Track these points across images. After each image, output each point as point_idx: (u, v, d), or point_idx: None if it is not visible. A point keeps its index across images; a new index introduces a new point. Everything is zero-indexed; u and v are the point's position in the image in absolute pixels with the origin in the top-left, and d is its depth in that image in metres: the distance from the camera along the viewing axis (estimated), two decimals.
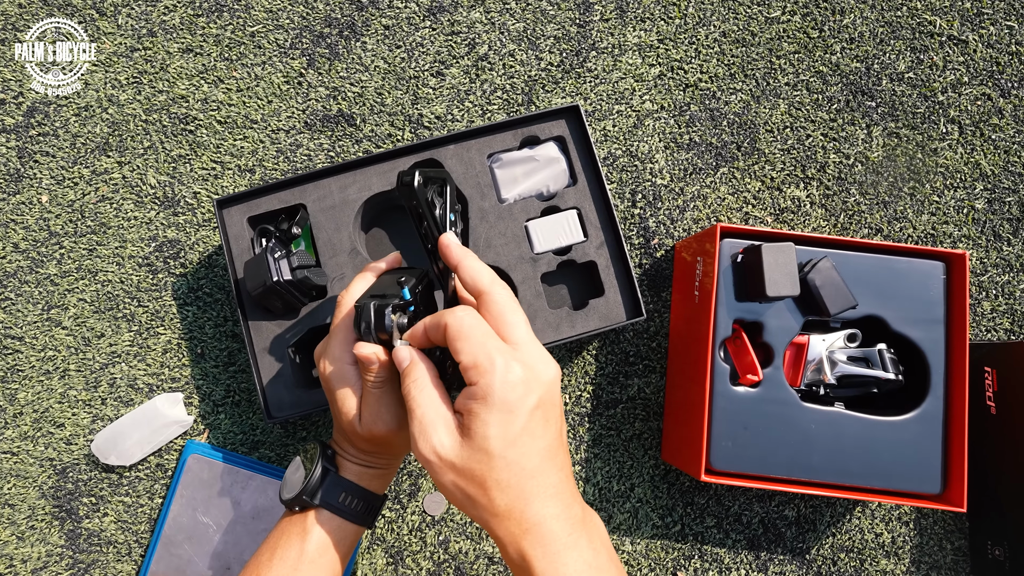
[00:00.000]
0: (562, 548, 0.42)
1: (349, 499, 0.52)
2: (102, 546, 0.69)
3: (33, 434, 0.70)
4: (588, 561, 0.43)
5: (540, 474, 0.43)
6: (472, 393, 0.42)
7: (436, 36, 0.74)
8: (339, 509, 0.52)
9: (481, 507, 0.43)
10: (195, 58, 0.73)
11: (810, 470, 0.62)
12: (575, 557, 0.42)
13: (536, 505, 0.42)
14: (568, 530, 0.43)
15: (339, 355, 0.49)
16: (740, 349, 0.64)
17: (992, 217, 0.75)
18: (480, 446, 0.41)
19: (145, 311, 0.71)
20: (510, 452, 0.42)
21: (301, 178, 0.64)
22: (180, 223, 0.72)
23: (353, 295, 0.50)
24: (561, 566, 0.42)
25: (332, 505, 0.52)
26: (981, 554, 0.69)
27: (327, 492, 0.52)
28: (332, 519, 0.52)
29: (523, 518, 0.42)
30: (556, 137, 0.66)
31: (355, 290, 0.51)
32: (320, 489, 0.52)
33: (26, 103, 0.72)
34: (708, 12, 0.75)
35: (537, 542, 0.42)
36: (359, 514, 0.53)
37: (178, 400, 0.70)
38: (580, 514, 0.44)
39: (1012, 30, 0.76)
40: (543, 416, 0.43)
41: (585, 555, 0.43)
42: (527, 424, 0.42)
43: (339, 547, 0.52)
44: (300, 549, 0.51)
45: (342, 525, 0.52)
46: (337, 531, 0.52)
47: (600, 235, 0.66)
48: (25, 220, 0.72)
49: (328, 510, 0.52)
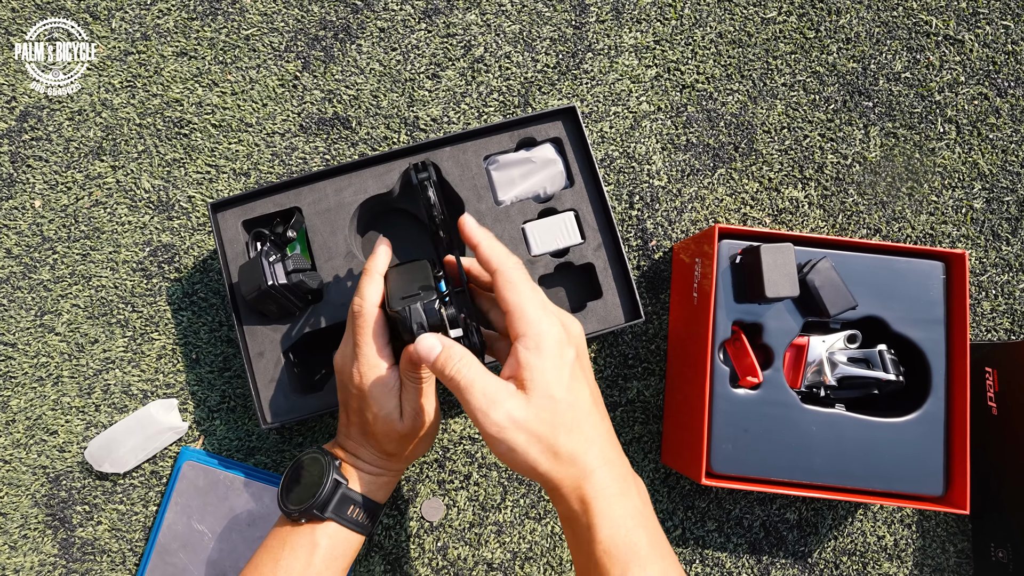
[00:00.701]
0: (618, 493, 0.45)
1: (357, 511, 0.53)
2: (96, 555, 0.68)
3: (26, 442, 0.69)
4: (638, 508, 0.46)
5: (592, 417, 0.46)
6: (525, 344, 0.44)
7: (431, 38, 0.74)
8: (346, 521, 0.52)
9: (547, 457, 0.44)
10: (189, 61, 0.73)
11: (811, 472, 0.62)
12: (628, 504, 0.45)
13: (596, 449, 0.45)
14: (621, 478, 0.46)
15: (374, 362, 0.50)
16: (740, 351, 0.64)
17: (991, 216, 0.74)
18: (544, 393, 0.44)
19: (139, 316, 0.70)
20: (569, 394, 0.45)
21: (296, 181, 0.63)
22: (174, 227, 0.71)
23: (372, 302, 0.51)
24: (619, 508, 0.45)
25: (340, 517, 0.52)
26: (984, 556, 0.69)
27: (338, 506, 0.52)
28: (339, 531, 0.52)
29: (585, 461, 0.45)
30: (553, 139, 0.66)
31: (371, 296, 0.51)
32: (331, 502, 0.52)
33: (19, 107, 0.72)
34: (704, 13, 0.75)
35: (598, 486, 0.45)
36: (363, 525, 0.54)
37: (173, 406, 0.69)
38: (627, 466, 0.48)
39: (1008, 30, 0.76)
40: (581, 364, 0.47)
41: (635, 502, 0.46)
42: (574, 369, 0.45)
43: (344, 558, 0.53)
44: (307, 561, 0.51)
45: (347, 536, 0.53)
46: (343, 543, 0.52)
47: (598, 237, 0.65)
48: (18, 225, 0.71)
49: (335, 522, 0.52)
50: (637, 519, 0.45)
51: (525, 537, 0.69)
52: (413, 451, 0.55)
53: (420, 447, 0.56)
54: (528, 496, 0.70)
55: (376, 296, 0.51)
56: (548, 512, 0.70)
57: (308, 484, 0.53)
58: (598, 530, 0.44)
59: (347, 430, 0.55)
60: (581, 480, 0.45)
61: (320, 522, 0.52)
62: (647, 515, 0.47)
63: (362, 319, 0.50)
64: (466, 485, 0.70)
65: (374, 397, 0.51)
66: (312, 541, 0.51)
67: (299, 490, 0.53)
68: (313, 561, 0.51)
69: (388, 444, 0.53)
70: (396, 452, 0.54)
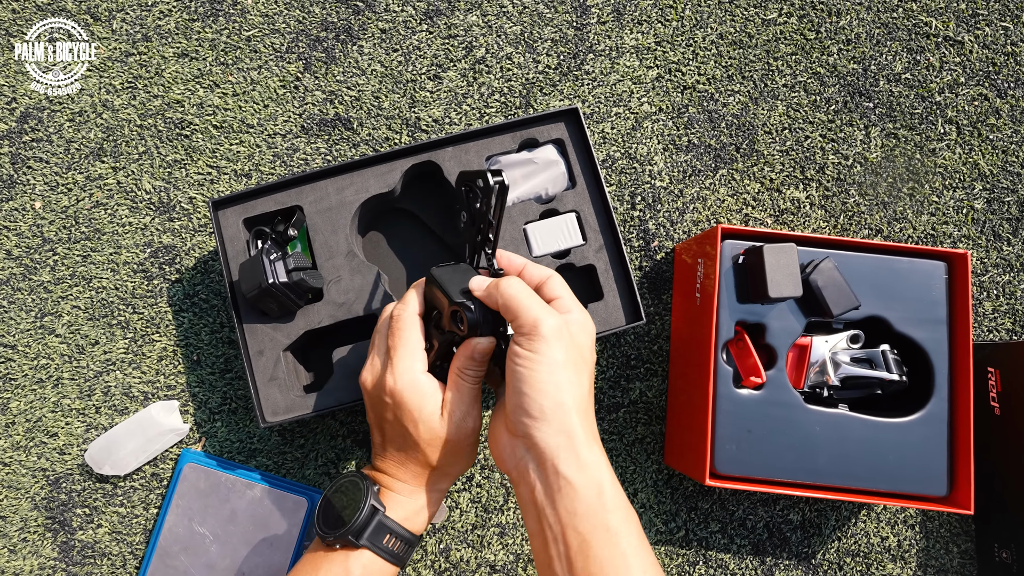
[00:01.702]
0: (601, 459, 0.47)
1: (392, 540, 0.51)
2: (96, 558, 0.68)
3: (26, 444, 0.69)
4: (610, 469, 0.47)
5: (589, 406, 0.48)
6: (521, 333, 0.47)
7: (433, 39, 0.74)
8: (381, 550, 0.51)
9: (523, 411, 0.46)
10: (190, 63, 0.73)
11: (815, 473, 0.62)
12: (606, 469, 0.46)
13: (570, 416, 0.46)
14: (592, 442, 0.47)
15: (409, 366, 0.50)
16: (743, 351, 0.63)
17: (991, 217, 0.74)
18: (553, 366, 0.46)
19: (140, 318, 0.70)
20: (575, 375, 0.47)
21: (297, 179, 0.63)
22: (175, 228, 0.71)
23: (413, 309, 0.52)
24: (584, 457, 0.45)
25: (375, 546, 0.51)
26: (988, 557, 0.69)
27: (374, 534, 0.51)
28: (373, 560, 0.51)
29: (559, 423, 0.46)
30: (555, 140, 0.66)
31: (412, 303, 0.52)
32: (367, 529, 0.51)
33: (19, 108, 0.72)
34: (705, 14, 0.75)
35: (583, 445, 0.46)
36: (398, 556, 0.52)
37: (174, 408, 0.69)
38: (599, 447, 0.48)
39: (1007, 31, 0.76)
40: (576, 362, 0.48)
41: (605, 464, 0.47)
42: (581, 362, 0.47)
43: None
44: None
45: (382, 567, 0.51)
46: (376, 573, 0.51)
47: (599, 238, 0.65)
48: (18, 227, 0.71)
49: (370, 551, 0.51)
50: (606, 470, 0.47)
51: (527, 539, 0.69)
52: (456, 460, 0.53)
53: (463, 457, 0.53)
54: None
55: (417, 305, 0.52)
56: None
57: (345, 508, 0.52)
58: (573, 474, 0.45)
59: (383, 451, 0.54)
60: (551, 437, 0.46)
61: (355, 549, 0.51)
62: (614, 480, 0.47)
63: (403, 322, 0.51)
64: (468, 487, 0.70)
65: (413, 401, 0.50)
66: (345, 569, 0.50)
67: (335, 514, 0.52)
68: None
69: (431, 452, 0.51)
70: (440, 463, 0.52)
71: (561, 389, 0.46)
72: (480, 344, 0.50)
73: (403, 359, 0.50)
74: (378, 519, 0.51)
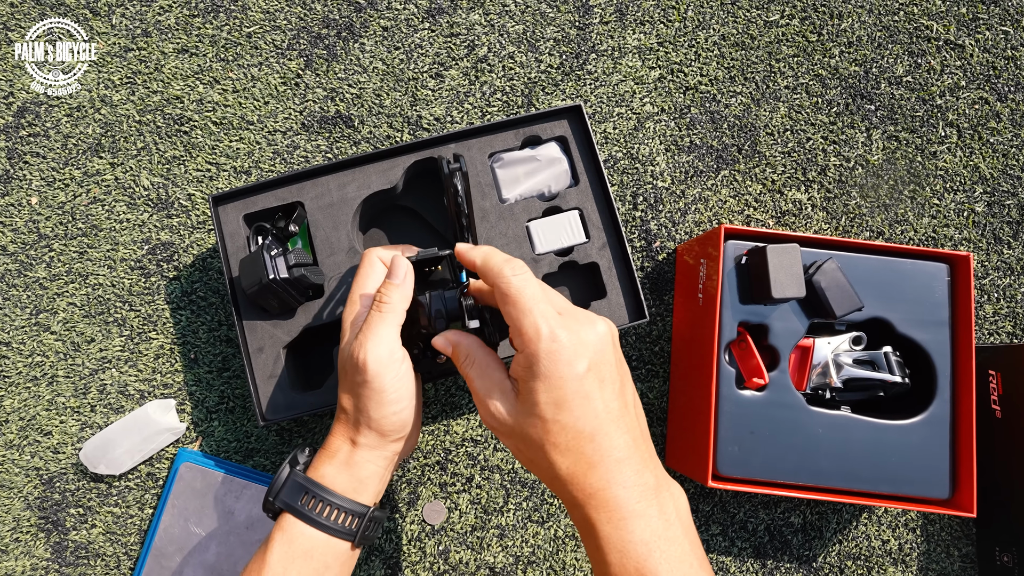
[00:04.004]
0: (628, 515, 0.41)
1: (316, 504, 0.48)
2: (90, 559, 0.67)
3: (19, 443, 0.68)
4: (657, 531, 0.41)
5: (600, 436, 0.42)
6: (520, 361, 0.43)
7: (435, 38, 0.74)
8: (304, 515, 0.48)
9: (544, 470, 0.43)
10: (190, 59, 0.72)
11: (818, 475, 0.61)
12: (642, 526, 0.41)
13: (600, 470, 0.42)
14: (637, 497, 0.42)
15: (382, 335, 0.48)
16: (745, 352, 0.63)
17: (992, 220, 0.75)
18: (531, 411, 0.42)
19: (137, 315, 0.69)
20: (562, 416, 0.42)
21: (299, 175, 0.63)
22: (174, 225, 0.70)
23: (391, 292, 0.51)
24: (627, 533, 0.41)
25: (294, 509, 0.48)
26: (989, 561, 0.68)
27: (291, 493, 0.48)
28: (294, 525, 0.48)
29: (586, 483, 0.42)
30: (558, 137, 0.66)
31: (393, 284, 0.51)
32: (282, 489, 0.49)
33: (16, 103, 0.71)
34: (707, 16, 0.75)
35: (602, 507, 0.41)
36: (340, 528, 0.48)
37: (170, 407, 0.68)
38: (653, 482, 0.43)
39: (1008, 35, 0.77)
40: (596, 378, 0.43)
41: (654, 524, 0.41)
42: (579, 388, 0.42)
43: (308, 559, 0.47)
44: (261, 562, 0.47)
45: (311, 535, 0.48)
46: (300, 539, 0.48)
47: (602, 236, 0.65)
48: (14, 222, 0.70)
49: (293, 515, 0.48)
50: (654, 543, 0.41)
51: (528, 541, 0.68)
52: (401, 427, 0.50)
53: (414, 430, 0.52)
54: (531, 499, 0.69)
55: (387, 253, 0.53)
56: (551, 515, 0.69)
57: None
58: (607, 554, 0.41)
59: (344, 416, 0.51)
60: (584, 503, 0.42)
61: (283, 516, 0.48)
62: (669, 537, 0.42)
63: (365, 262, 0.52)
64: (468, 488, 0.69)
65: (375, 370, 0.47)
66: (270, 536, 0.48)
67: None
68: (267, 559, 0.47)
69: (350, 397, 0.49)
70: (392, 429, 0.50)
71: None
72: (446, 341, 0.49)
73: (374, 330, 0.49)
74: (291, 477, 0.49)
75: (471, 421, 0.69)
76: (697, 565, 0.42)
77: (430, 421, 0.69)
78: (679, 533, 0.42)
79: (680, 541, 0.42)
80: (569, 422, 0.42)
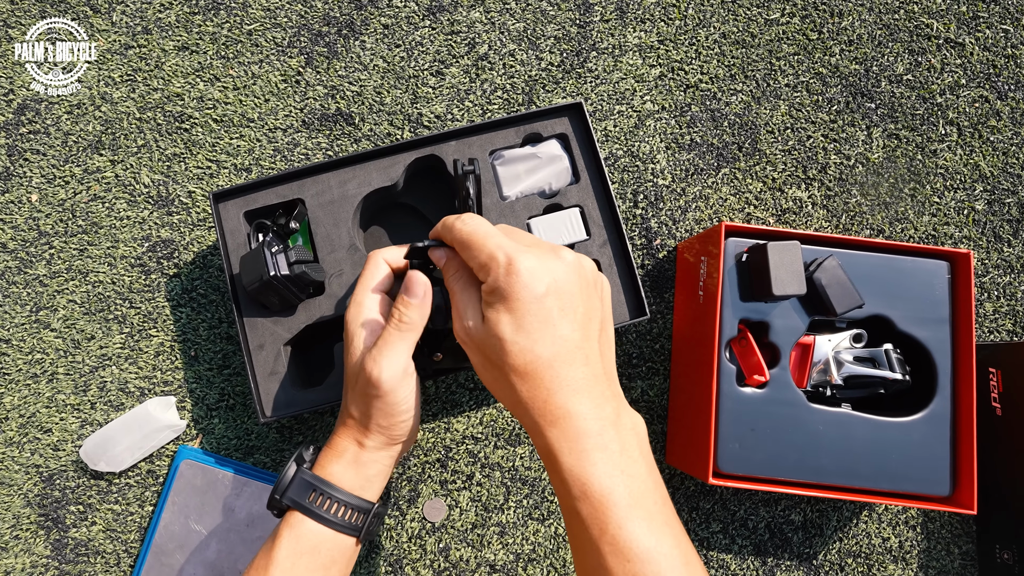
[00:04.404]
0: (590, 448, 0.41)
1: (323, 501, 0.49)
2: (89, 556, 0.67)
3: (19, 440, 0.68)
4: (618, 465, 0.41)
5: (559, 364, 0.42)
6: (484, 289, 0.44)
7: (436, 35, 0.74)
8: (307, 510, 0.48)
9: (506, 394, 0.44)
10: (191, 56, 0.72)
11: (818, 472, 0.61)
12: (603, 459, 0.41)
13: (559, 397, 0.42)
14: (597, 430, 0.42)
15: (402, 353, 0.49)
16: (746, 350, 0.63)
17: (992, 218, 0.75)
18: (492, 331, 0.43)
19: (137, 313, 0.69)
20: (520, 338, 0.42)
21: (299, 172, 0.63)
22: (174, 223, 0.70)
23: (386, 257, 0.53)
24: (589, 465, 0.41)
25: (302, 506, 0.49)
26: (989, 558, 0.68)
27: (298, 491, 0.49)
28: (302, 523, 0.49)
29: (545, 409, 0.42)
30: (559, 135, 0.66)
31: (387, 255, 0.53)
32: (288, 487, 0.49)
33: (16, 100, 0.71)
34: (708, 14, 0.75)
35: (562, 436, 0.42)
36: (346, 524, 0.49)
37: (170, 404, 0.68)
38: (612, 415, 0.43)
39: (1008, 34, 0.77)
40: (557, 304, 0.43)
41: (615, 458, 0.42)
42: (538, 309, 0.42)
43: (315, 554, 0.48)
44: (267, 557, 0.48)
45: (312, 529, 0.48)
46: (307, 536, 0.48)
47: (603, 233, 0.65)
48: (14, 219, 0.70)
49: (300, 512, 0.49)
50: (617, 477, 0.41)
51: (528, 538, 0.68)
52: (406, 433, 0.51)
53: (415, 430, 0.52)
54: (531, 497, 0.69)
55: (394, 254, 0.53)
56: (552, 513, 0.69)
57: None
58: (570, 487, 0.41)
59: (351, 421, 0.51)
60: (544, 429, 0.42)
61: (290, 513, 0.49)
62: (632, 472, 0.42)
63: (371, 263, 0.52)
64: (468, 485, 0.69)
65: (390, 387, 0.48)
66: (276, 533, 0.49)
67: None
68: (275, 555, 0.47)
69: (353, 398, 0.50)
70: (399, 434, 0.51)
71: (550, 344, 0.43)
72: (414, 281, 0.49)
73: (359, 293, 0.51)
74: (299, 475, 0.49)
75: (472, 419, 0.69)
76: (660, 501, 0.43)
77: (430, 419, 0.69)
78: (643, 469, 0.43)
79: (642, 476, 0.42)
80: (527, 345, 0.42)
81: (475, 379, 0.70)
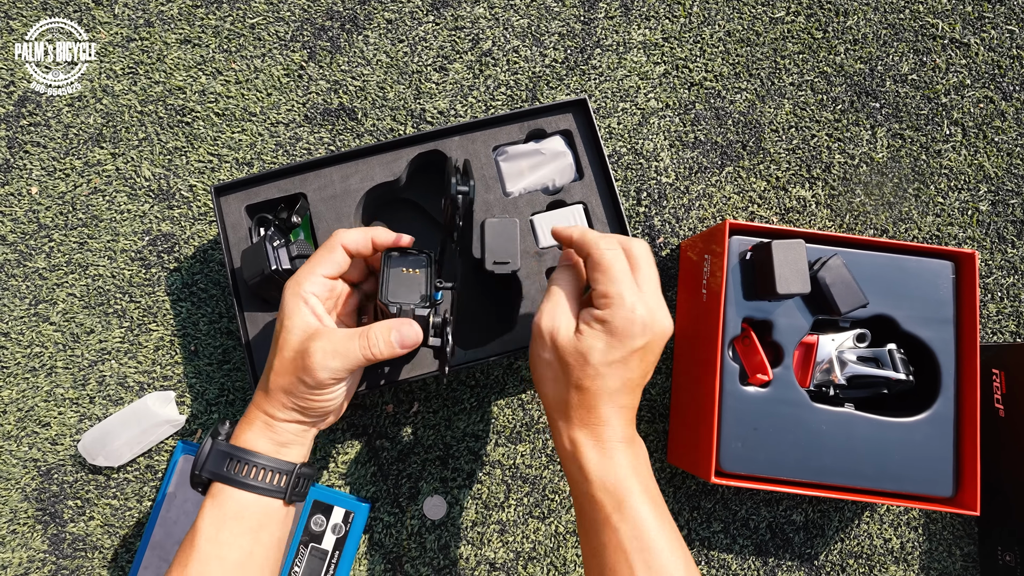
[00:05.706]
0: (611, 449, 0.49)
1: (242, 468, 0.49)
2: (87, 551, 0.66)
3: (17, 434, 0.67)
4: (633, 467, 0.48)
5: (618, 394, 0.49)
6: (596, 315, 0.49)
7: (439, 31, 0.73)
8: (231, 480, 0.49)
9: (554, 392, 0.50)
10: (193, 49, 0.72)
11: (821, 472, 0.61)
12: (621, 457, 0.48)
13: (599, 413, 0.49)
14: (619, 438, 0.49)
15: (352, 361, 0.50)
16: (749, 348, 0.63)
17: (996, 219, 0.74)
18: (583, 351, 0.48)
19: (137, 307, 0.69)
20: (603, 367, 0.48)
21: (302, 167, 0.62)
22: (175, 216, 0.70)
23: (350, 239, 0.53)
24: (608, 459, 0.48)
25: (221, 475, 0.49)
26: (991, 560, 0.68)
27: (213, 461, 0.49)
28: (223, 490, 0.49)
29: (588, 417, 0.49)
30: (563, 131, 0.65)
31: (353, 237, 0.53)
32: (207, 460, 0.49)
33: (17, 92, 0.71)
34: (713, 11, 0.75)
35: (591, 435, 0.49)
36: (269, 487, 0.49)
37: (170, 399, 0.67)
38: (632, 435, 0.50)
39: (1013, 34, 0.76)
40: (641, 357, 0.49)
41: (631, 461, 0.49)
42: (626, 356, 0.48)
43: (240, 519, 0.49)
44: (192, 530, 0.48)
45: (240, 497, 0.49)
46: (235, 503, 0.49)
47: (606, 231, 0.64)
48: (14, 212, 0.69)
49: (221, 482, 0.49)
50: (633, 469, 0.48)
51: (528, 536, 0.68)
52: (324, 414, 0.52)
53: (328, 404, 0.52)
54: (532, 495, 0.69)
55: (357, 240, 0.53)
56: (552, 511, 0.68)
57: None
58: (588, 472, 0.48)
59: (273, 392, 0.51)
60: (575, 426, 0.49)
61: (212, 485, 0.49)
62: (643, 473, 0.49)
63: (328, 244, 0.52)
64: (469, 483, 0.69)
65: (327, 384, 0.49)
66: (201, 505, 0.49)
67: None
68: (198, 526, 0.48)
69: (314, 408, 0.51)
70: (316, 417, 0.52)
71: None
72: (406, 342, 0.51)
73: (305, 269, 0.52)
74: (215, 446, 0.50)
75: (472, 416, 0.69)
76: (661, 501, 0.49)
77: (431, 416, 0.69)
78: (650, 478, 0.50)
79: (650, 483, 0.49)
80: (605, 372, 0.48)
81: (476, 377, 0.69)
